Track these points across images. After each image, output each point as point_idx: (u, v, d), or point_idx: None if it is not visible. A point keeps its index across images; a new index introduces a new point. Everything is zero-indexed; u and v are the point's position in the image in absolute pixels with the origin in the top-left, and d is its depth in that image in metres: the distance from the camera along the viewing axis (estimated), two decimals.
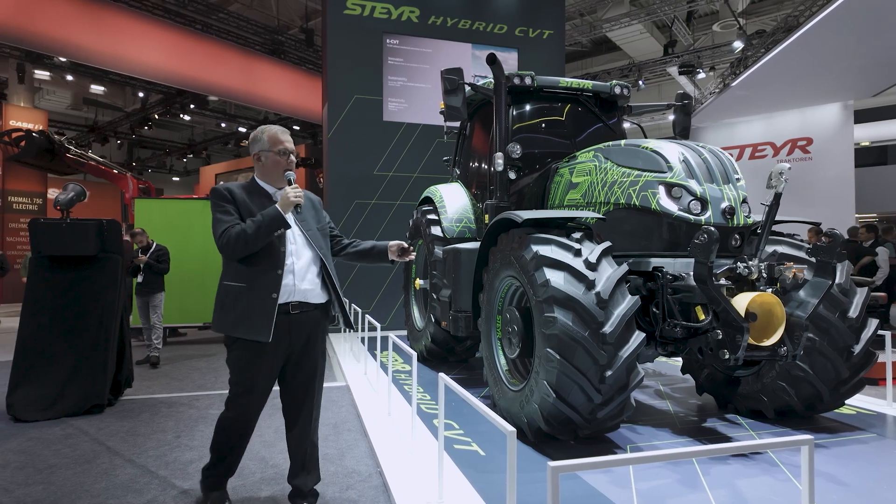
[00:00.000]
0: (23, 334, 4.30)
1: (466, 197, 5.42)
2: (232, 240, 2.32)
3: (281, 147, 2.48)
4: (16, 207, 15.49)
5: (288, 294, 2.41)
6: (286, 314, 2.42)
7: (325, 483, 2.94)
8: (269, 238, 2.35)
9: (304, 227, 2.52)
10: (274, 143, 2.48)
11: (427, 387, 4.75)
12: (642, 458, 1.60)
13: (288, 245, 2.44)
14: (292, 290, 2.43)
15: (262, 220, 2.32)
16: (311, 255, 2.51)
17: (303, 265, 2.47)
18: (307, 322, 2.49)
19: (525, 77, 4.67)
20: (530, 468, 2.94)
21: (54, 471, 3.12)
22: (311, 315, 2.50)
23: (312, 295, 2.49)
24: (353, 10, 8.64)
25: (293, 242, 2.47)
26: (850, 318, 3.44)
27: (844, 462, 3.05)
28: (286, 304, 2.41)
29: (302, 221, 2.52)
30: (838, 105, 11.67)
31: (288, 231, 2.44)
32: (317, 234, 2.56)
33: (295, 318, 2.45)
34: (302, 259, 2.47)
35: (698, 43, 15.52)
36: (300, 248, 2.48)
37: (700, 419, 3.89)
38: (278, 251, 2.40)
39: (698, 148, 3.66)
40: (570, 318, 2.91)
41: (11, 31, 11.28)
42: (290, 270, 2.43)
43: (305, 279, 2.46)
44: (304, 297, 2.46)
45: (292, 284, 2.43)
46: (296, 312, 2.44)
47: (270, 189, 2.53)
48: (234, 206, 2.40)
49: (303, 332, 2.48)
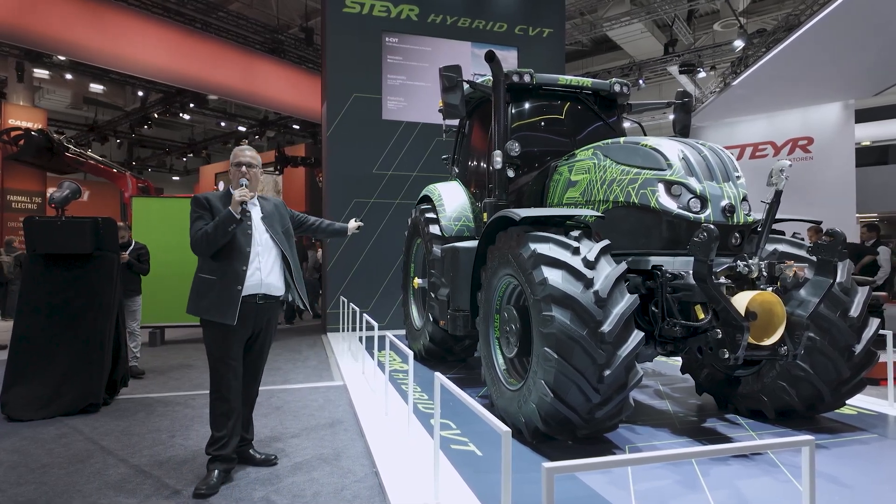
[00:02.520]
0: (18, 333, 4.27)
1: (465, 195, 5.38)
2: (199, 239, 2.84)
3: (236, 161, 3.02)
4: (15, 206, 15.49)
5: (256, 286, 2.91)
6: (254, 303, 2.92)
7: (321, 482, 2.91)
8: (226, 234, 2.81)
9: (272, 231, 3.03)
10: (233, 158, 3.05)
11: (425, 386, 4.72)
12: (641, 458, 1.57)
13: (255, 246, 2.94)
14: (260, 283, 2.93)
15: (219, 219, 2.81)
16: (276, 254, 3.03)
17: (268, 263, 2.98)
18: (268, 309, 3.05)
19: (524, 74, 4.64)
20: (528, 468, 2.91)
21: (47, 470, 3.09)
22: (272, 304, 3.06)
23: (275, 288, 3.02)
24: (353, 8, 8.61)
25: (259, 244, 2.97)
26: (851, 317, 3.40)
27: (846, 463, 3.02)
28: (254, 295, 2.92)
29: (269, 226, 3.03)
30: (839, 104, 11.62)
31: (255, 234, 2.95)
32: (282, 236, 3.08)
33: (260, 306, 2.97)
34: (267, 258, 2.98)
35: (699, 42, 15.49)
36: (266, 249, 2.99)
37: (700, 419, 3.86)
38: (244, 251, 2.89)
39: (698, 146, 3.63)
40: (569, 316, 2.88)
41: (11, 29, 11.25)
42: (257, 267, 2.93)
43: (271, 274, 2.98)
44: (268, 290, 2.98)
45: (259, 279, 2.92)
46: (261, 302, 2.97)
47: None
48: (210, 212, 2.89)
49: (264, 316, 3.03)
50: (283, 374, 5.67)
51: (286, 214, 3.24)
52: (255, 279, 2.91)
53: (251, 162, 3.05)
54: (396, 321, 7.88)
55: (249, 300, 2.90)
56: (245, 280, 2.86)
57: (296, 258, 3.15)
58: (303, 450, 3.42)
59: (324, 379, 5.48)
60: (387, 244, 8.38)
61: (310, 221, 3.49)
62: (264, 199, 3.16)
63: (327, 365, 6.17)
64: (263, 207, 3.10)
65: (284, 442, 3.56)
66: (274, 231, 3.04)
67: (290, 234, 3.18)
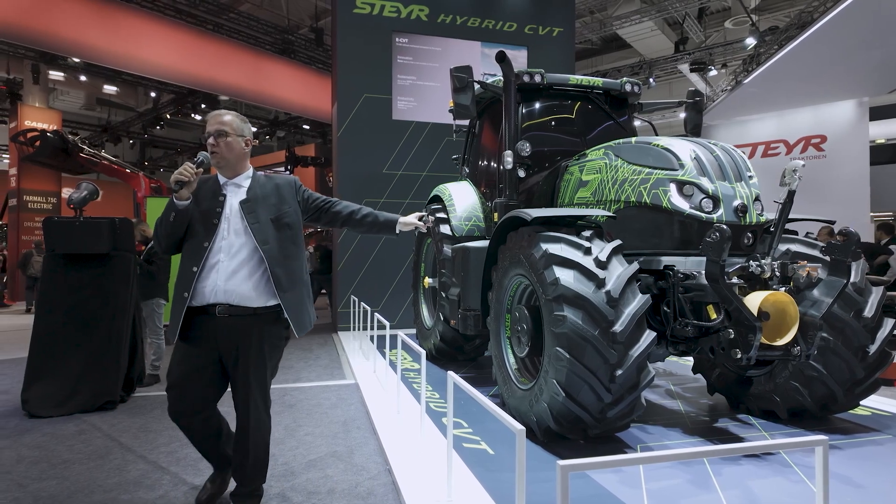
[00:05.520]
0: (37, 332, 4.36)
1: (475, 195, 5.40)
2: (154, 231, 2.35)
3: (206, 131, 2.38)
4: (31, 206, 15.71)
5: (210, 294, 2.20)
6: (210, 315, 2.21)
7: (336, 479, 2.95)
8: (170, 224, 2.22)
9: (250, 219, 2.28)
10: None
11: (436, 385, 4.75)
12: (653, 457, 1.58)
13: (218, 241, 2.24)
14: (214, 289, 2.20)
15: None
16: (248, 252, 2.25)
17: (234, 263, 2.22)
18: (237, 328, 2.22)
19: (535, 75, 4.65)
20: (539, 467, 2.93)
21: (68, 466, 3.16)
22: (243, 321, 2.22)
23: (244, 297, 2.21)
24: (363, 8, 8.65)
25: (225, 238, 2.25)
26: (865, 317, 3.38)
27: (859, 464, 3.01)
28: (211, 306, 2.20)
29: (250, 213, 2.29)
30: (853, 102, 11.49)
31: (224, 224, 2.26)
32: (267, 226, 2.29)
33: (222, 321, 2.20)
34: (235, 256, 2.23)
35: (710, 40, 15.37)
36: (235, 244, 2.25)
37: (711, 419, 3.86)
38: (200, 247, 2.22)
39: (710, 145, 3.62)
40: (580, 316, 2.90)
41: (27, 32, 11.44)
42: (213, 268, 2.21)
43: (235, 278, 2.21)
44: (229, 299, 2.20)
45: (214, 283, 2.20)
46: (223, 316, 2.20)
47: None
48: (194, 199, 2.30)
49: (231, 338, 2.22)
50: (295, 373, 5.73)
51: (291, 198, 2.44)
52: (209, 284, 2.19)
53: (221, 130, 2.33)
54: (406, 320, 7.92)
55: (204, 312, 2.21)
56: (193, 285, 2.19)
57: (293, 258, 2.37)
58: (317, 447, 3.46)
59: (336, 377, 5.53)
60: (397, 244, 8.41)
61: (336, 209, 2.61)
62: (264, 178, 2.46)
63: (339, 363, 6.22)
64: (252, 189, 2.37)
65: (298, 439, 3.61)
66: (254, 220, 2.28)
67: (286, 224, 2.36)
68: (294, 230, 2.40)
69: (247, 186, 2.37)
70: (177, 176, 2.19)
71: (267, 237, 2.28)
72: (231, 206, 2.30)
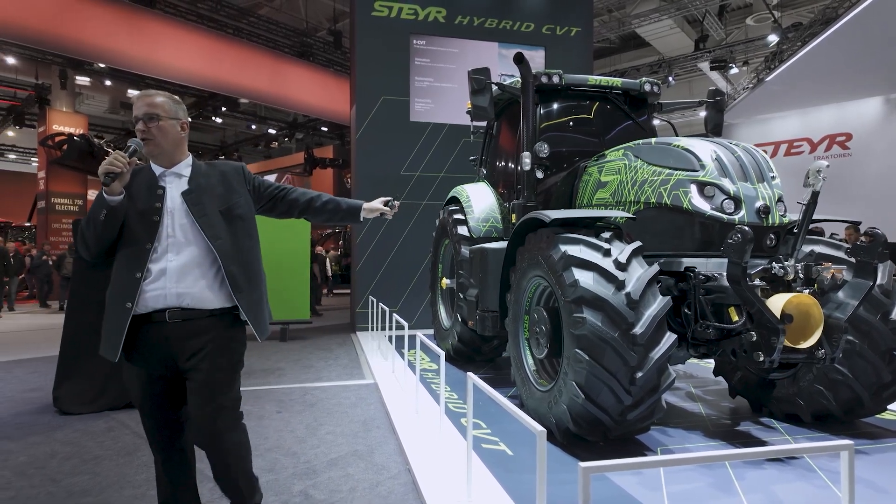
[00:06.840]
0: (68, 331, 4.49)
1: (493, 196, 5.42)
2: (76, 238, 2.05)
3: (133, 115, 2.04)
4: (58, 208, 16.15)
5: (159, 298, 1.94)
6: (160, 323, 1.95)
7: (357, 478, 2.99)
8: (101, 224, 1.91)
9: (197, 212, 2.00)
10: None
11: (454, 386, 4.77)
12: (674, 460, 1.59)
13: (163, 240, 1.97)
14: (164, 293, 1.95)
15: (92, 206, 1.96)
16: (199, 249, 2.00)
17: (183, 263, 1.97)
18: (193, 332, 1.97)
19: (553, 76, 4.65)
20: (559, 469, 2.94)
21: (99, 462, 3.26)
22: (199, 324, 1.98)
23: (199, 299, 1.98)
24: (381, 11, 8.72)
25: (171, 235, 1.99)
26: (892, 320, 3.32)
27: (886, 469, 2.95)
28: (160, 312, 1.94)
29: (195, 205, 2.01)
30: (880, 99, 11.22)
31: (167, 220, 1.98)
32: (216, 219, 2.03)
33: (174, 327, 1.95)
34: (183, 255, 1.98)
35: (731, 37, 15.15)
36: (182, 242, 1.99)
37: (733, 422, 3.82)
38: (142, 249, 1.94)
39: (731, 146, 3.58)
40: (600, 318, 2.89)
41: (55, 38, 11.79)
42: (161, 272, 1.95)
43: (186, 279, 1.97)
44: (182, 302, 1.96)
45: (164, 287, 1.95)
46: (175, 321, 1.95)
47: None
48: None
49: (186, 345, 1.97)
50: (315, 372, 5.81)
51: (241, 186, 2.16)
52: (158, 288, 1.94)
53: (151, 113, 1.99)
54: (424, 321, 7.96)
55: (152, 320, 1.95)
56: (138, 292, 1.92)
57: (248, 253, 2.10)
58: (337, 446, 3.51)
59: (355, 377, 5.59)
60: (414, 245, 8.46)
61: (291, 196, 2.31)
62: (206, 166, 2.15)
63: (358, 363, 6.29)
64: (195, 178, 2.07)
65: (320, 437, 3.67)
66: (201, 212, 2.01)
67: (238, 216, 2.10)
68: (247, 222, 2.13)
69: (188, 175, 2.07)
70: (106, 167, 1.86)
71: (218, 231, 2.02)
72: (172, 199, 2.01)
